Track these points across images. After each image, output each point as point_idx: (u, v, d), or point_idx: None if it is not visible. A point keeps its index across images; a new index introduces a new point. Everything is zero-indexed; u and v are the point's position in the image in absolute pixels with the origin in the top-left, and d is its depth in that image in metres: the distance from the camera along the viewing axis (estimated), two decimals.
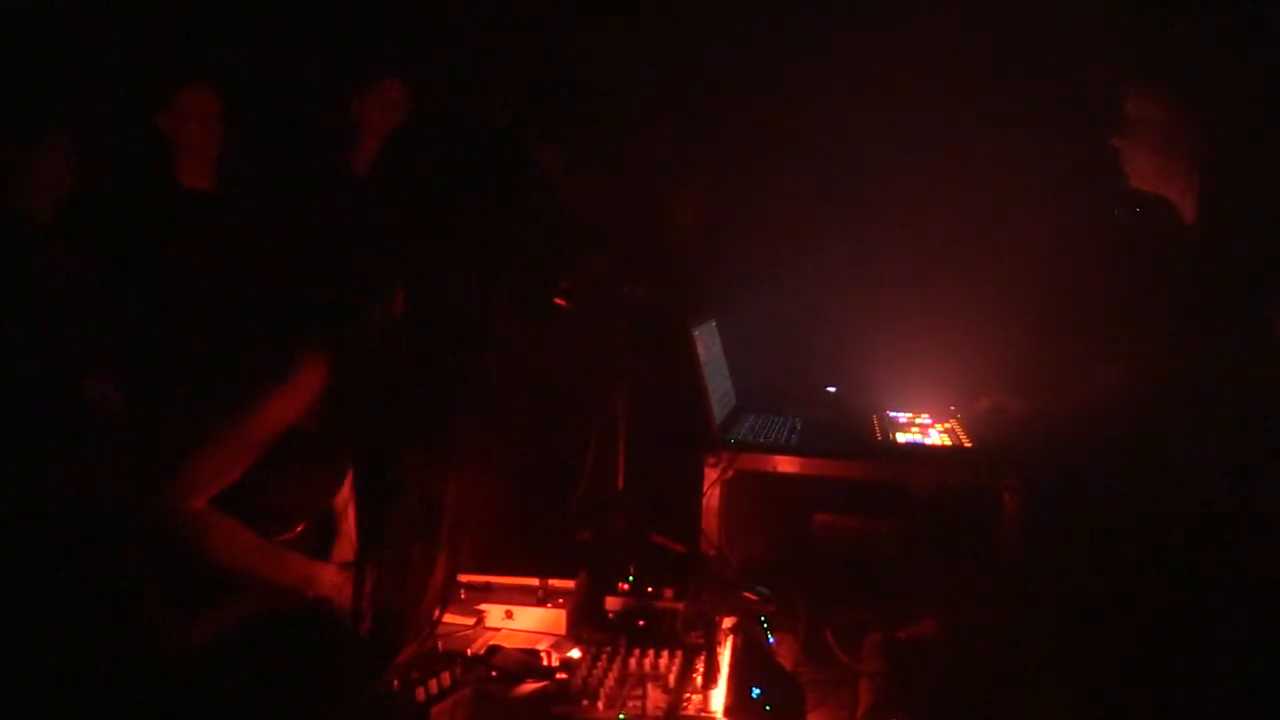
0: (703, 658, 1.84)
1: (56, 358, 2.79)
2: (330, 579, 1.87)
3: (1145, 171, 2.39)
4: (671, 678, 1.78)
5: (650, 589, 2.13)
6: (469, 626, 2.05)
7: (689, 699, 1.71)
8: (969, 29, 3.65)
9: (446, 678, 1.66)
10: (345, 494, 2.05)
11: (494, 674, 1.78)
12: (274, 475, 1.85)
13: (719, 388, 2.97)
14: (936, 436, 2.85)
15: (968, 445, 2.76)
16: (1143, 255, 2.45)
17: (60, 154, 2.93)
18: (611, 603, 2.12)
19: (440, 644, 1.81)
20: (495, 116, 3.90)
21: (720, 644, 1.84)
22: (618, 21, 4.15)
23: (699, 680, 1.77)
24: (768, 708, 1.66)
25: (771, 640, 1.97)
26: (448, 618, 2.06)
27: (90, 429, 2.72)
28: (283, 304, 1.90)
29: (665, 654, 1.84)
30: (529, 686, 1.75)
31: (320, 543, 2.08)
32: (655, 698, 1.69)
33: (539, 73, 4.10)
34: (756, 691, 1.68)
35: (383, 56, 3.67)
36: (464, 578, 2.16)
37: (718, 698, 1.70)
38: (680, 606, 2.06)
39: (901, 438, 2.83)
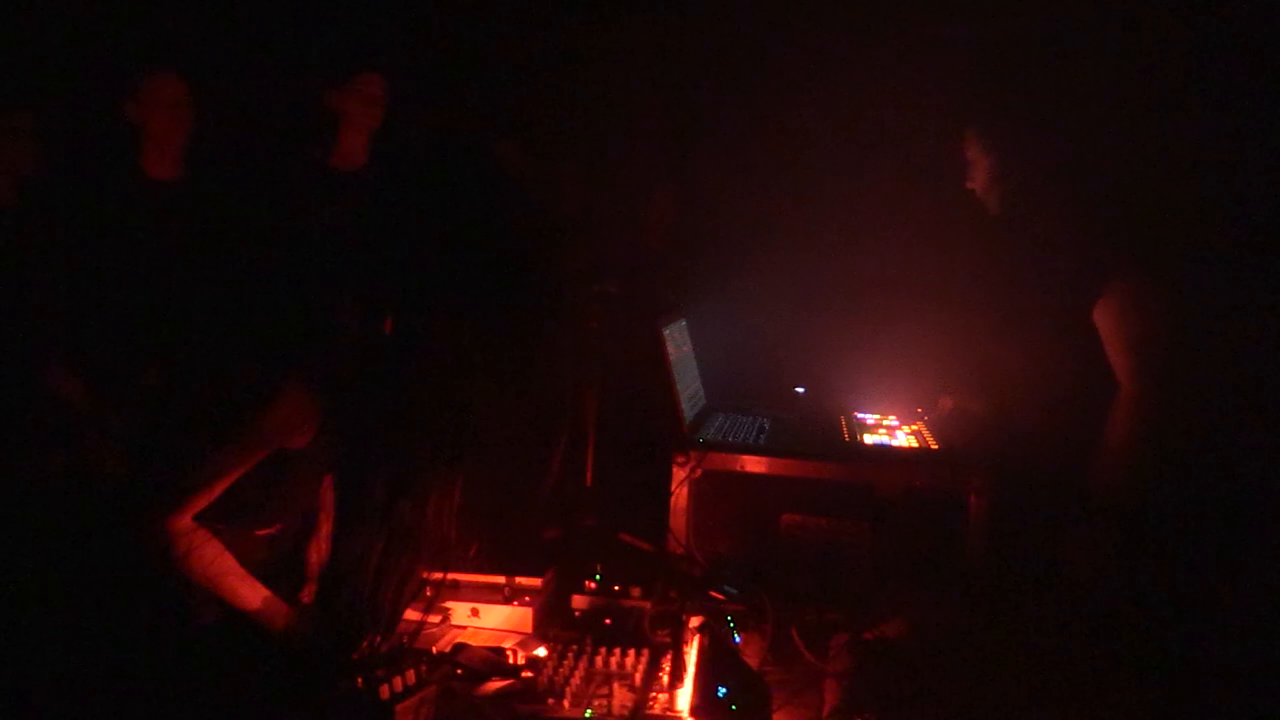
0: (669, 657, 1.83)
1: (14, 343, 2.75)
2: (288, 619, 1.88)
3: (992, 201, 2.76)
4: (638, 676, 1.77)
5: (617, 588, 2.12)
6: (434, 624, 2.03)
7: (655, 698, 1.71)
8: (940, 35, 3.69)
9: (412, 675, 1.65)
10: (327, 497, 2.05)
11: (459, 672, 1.78)
12: (256, 480, 1.84)
13: (688, 387, 2.96)
14: (904, 438, 2.87)
15: (934, 447, 2.78)
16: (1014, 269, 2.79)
17: (23, 137, 2.88)
18: (578, 601, 2.12)
19: (405, 641, 1.79)
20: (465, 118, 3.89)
21: (687, 643, 1.83)
22: (599, 24, 4.15)
23: (665, 679, 1.77)
24: (733, 707, 1.65)
25: (738, 639, 1.97)
26: (413, 615, 2.05)
27: (51, 417, 2.68)
28: (266, 313, 1.89)
29: (632, 653, 1.84)
30: (494, 685, 1.75)
31: (296, 540, 2.07)
32: (621, 696, 1.68)
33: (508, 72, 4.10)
34: (722, 691, 1.68)
35: (362, 50, 3.63)
36: (430, 575, 2.14)
37: (683, 697, 1.70)
38: (647, 605, 2.06)
39: (869, 439, 2.84)
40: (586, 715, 1.64)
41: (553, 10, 4.25)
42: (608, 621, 2.01)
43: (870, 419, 3.10)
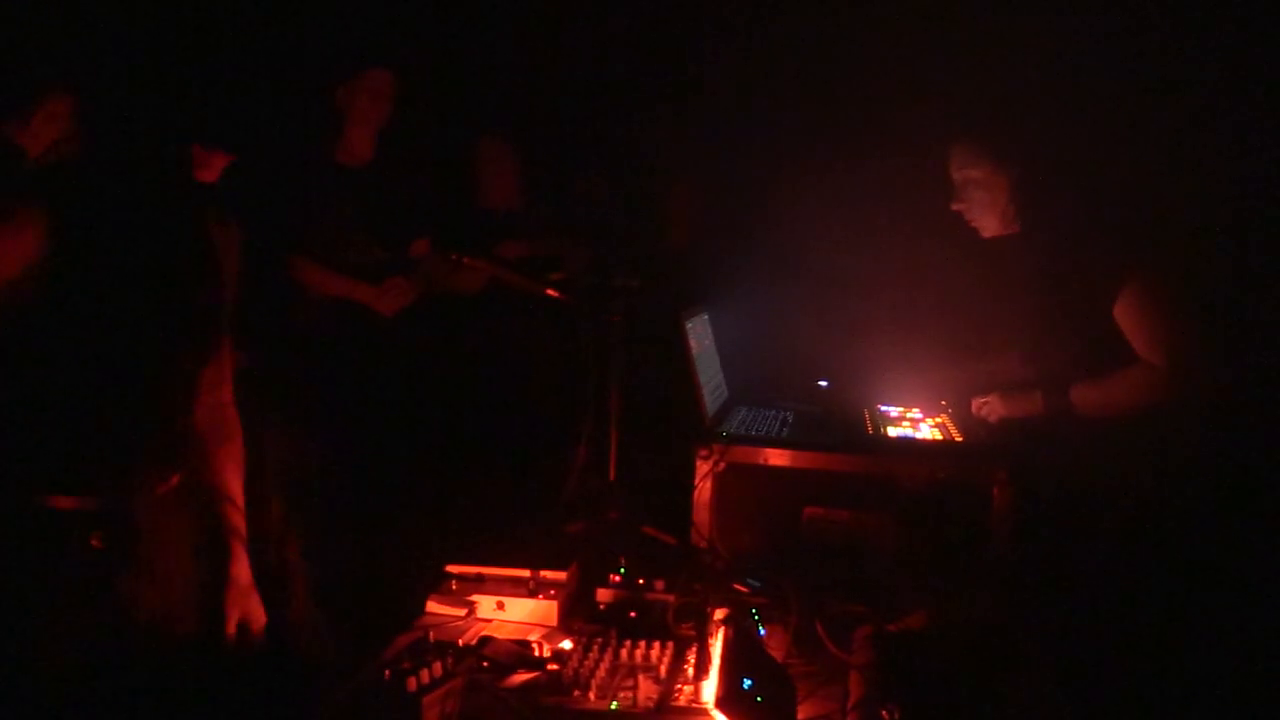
0: (694, 649, 1.84)
1: None
2: None
3: (986, 223, 2.71)
4: (663, 669, 1.78)
5: (641, 581, 2.13)
6: (460, 618, 2.05)
7: (680, 690, 1.72)
8: (966, 34, 3.68)
9: (438, 668, 1.66)
10: None
11: (485, 664, 1.79)
12: None
13: (711, 380, 2.97)
14: (927, 431, 2.86)
15: (958, 440, 2.77)
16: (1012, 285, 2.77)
17: (54, 122, 2.89)
18: (603, 594, 2.13)
19: (432, 635, 1.81)
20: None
21: (711, 635, 1.84)
22: (618, 20, 4.15)
23: (690, 671, 1.78)
24: (759, 699, 1.66)
25: (763, 632, 1.98)
26: (440, 609, 2.07)
27: None
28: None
29: (656, 645, 1.85)
30: (520, 677, 1.76)
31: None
32: (646, 688, 1.69)
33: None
34: (747, 682, 1.69)
35: (371, 45, 3.65)
36: (456, 569, 2.16)
37: (709, 688, 1.71)
38: (671, 598, 2.06)
39: (892, 431, 2.84)
40: (612, 707, 1.65)
41: (565, 5, 4.26)
42: (632, 614, 2.02)
43: (894, 412, 3.10)
